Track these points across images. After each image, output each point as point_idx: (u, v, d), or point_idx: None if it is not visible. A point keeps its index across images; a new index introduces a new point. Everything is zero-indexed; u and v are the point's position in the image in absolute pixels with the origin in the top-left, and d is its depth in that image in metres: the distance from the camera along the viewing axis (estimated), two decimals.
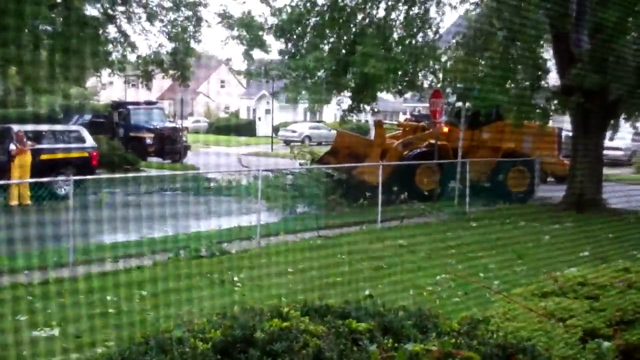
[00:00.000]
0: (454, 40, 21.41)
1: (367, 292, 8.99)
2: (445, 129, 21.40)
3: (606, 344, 4.63)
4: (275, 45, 22.65)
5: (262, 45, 25.67)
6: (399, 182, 18.83)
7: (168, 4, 27.24)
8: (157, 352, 3.53)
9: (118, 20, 26.69)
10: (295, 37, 20.87)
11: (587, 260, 10.95)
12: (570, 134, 20.73)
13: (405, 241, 13.99)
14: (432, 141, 21.08)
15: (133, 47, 27.56)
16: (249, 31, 25.38)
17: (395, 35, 20.71)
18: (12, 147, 19.20)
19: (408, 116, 24.93)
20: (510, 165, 21.09)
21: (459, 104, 21.71)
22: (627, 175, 29.97)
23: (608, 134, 20.96)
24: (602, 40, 17.02)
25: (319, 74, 20.99)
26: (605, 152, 20.93)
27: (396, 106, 59.93)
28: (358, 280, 10.67)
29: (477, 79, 19.99)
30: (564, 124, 23.77)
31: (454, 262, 12.10)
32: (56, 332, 7.97)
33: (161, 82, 41.66)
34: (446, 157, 20.57)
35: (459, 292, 9.74)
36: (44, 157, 19.97)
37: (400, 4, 20.88)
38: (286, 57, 21.42)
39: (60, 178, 18.03)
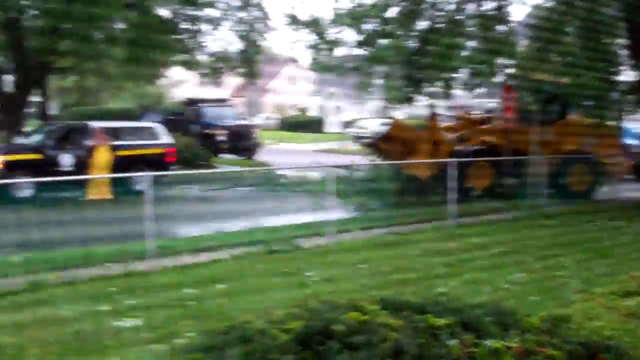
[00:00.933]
0: (525, 35, 21.01)
1: (440, 289, 8.99)
2: (503, 127, 20.79)
3: None
4: (348, 39, 22.50)
5: (333, 43, 25.82)
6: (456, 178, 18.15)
7: (237, 3, 27.62)
8: (239, 342, 3.58)
9: (189, 19, 27.15)
10: (371, 29, 20.87)
11: None
12: None
13: (478, 238, 13.82)
14: (487, 138, 20.50)
15: (204, 45, 28.00)
16: (319, 30, 25.57)
17: (468, 29, 20.43)
18: (91, 143, 19.76)
19: (465, 108, 24.04)
20: (571, 163, 20.44)
21: (531, 100, 21.22)
22: None
23: None
24: None
25: (391, 67, 20.89)
26: None
27: (466, 102, 59.19)
28: (430, 277, 10.61)
29: (549, 74, 19.57)
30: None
31: (531, 260, 11.89)
32: (139, 322, 8.17)
33: (233, 80, 42.22)
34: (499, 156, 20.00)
35: (535, 290, 9.59)
36: (121, 153, 20.46)
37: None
38: (363, 48, 21.39)
39: (137, 174, 18.42)
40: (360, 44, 21.38)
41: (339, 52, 25.44)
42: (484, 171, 19.86)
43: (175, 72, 39.45)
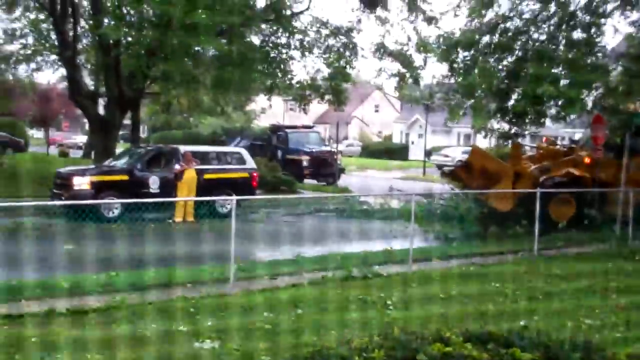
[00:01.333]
0: (617, 64, 20.54)
1: (522, 323, 8.81)
2: (587, 159, 20.13)
3: None
4: (435, 71, 22.59)
5: (416, 79, 25.90)
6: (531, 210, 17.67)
7: (326, 32, 27.95)
8: None
9: (278, 47, 27.62)
10: (461, 60, 20.79)
11: None
12: None
13: (562, 272, 13.49)
14: (571, 170, 19.87)
15: (292, 72, 28.40)
16: (407, 64, 25.68)
17: (559, 58, 20.07)
18: (178, 166, 20.26)
19: (547, 139, 23.43)
20: None
21: (620, 131, 20.59)
22: None
23: None
24: None
25: (480, 93, 20.72)
26: None
27: (549, 133, 58.14)
28: (512, 310, 10.41)
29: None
30: None
31: (615, 295, 11.53)
32: (216, 344, 8.29)
33: (317, 107, 42.64)
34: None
35: (621, 327, 9.30)
36: (207, 176, 20.88)
37: (561, 28, 20.33)
38: (450, 79, 21.32)
39: (222, 197, 18.79)
40: (448, 74, 21.32)
41: (426, 80, 25.49)
42: (568, 203, 19.38)
43: (262, 99, 40.16)
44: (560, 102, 20.36)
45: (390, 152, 64.59)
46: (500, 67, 21.18)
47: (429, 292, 11.53)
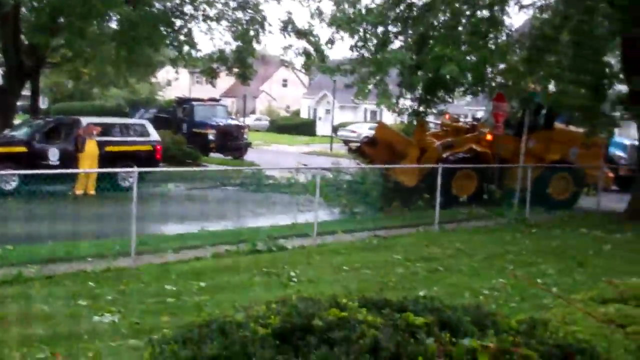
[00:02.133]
0: (519, 44, 21.07)
1: (421, 293, 9.02)
2: (489, 136, 20.83)
3: None
4: (343, 44, 22.61)
5: (322, 56, 25.88)
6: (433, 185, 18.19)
7: (233, 4, 27.61)
8: (217, 335, 3.60)
9: (185, 17, 27.14)
10: (368, 33, 20.86)
11: None
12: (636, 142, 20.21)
13: (462, 244, 13.88)
14: (474, 146, 20.56)
15: (198, 44, 27.99)
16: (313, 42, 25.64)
17: (464, 37, 20.41)
18: (79, 138, 19.75)
19: (449, 116, 23.96)
20: (552, 173, 20.58)
21: (522, 109, 21.33)
22: None
23: None
24: None
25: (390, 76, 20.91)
26: None
27: (458, 110, 59.45)
28: (413, 281, 10.65)
29: (540, 83, 19.68)
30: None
31: (512, 267, 11.96)
32: (116, 318, 8.17)
33: (225, 81, 42.22)
34: (487, 164, 20.12)
35: (516, 296, 9.65)
36: (109, 148, 20.45)
37: (466, 7, 20.67)
38: (357, 52, 21.36)
39: (124, 169, 18.41)
40: (355, 48, 21.36)
41: (334, 54, 25.51)
42: (469, 178, 19.96)
43: (168, 71, 39.37)
44: (462, 82, 20.81)
45: (297, 127, 64.74)
46: (406, 44, 21.41)
47: (333, 264, 11.67)
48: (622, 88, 19.82)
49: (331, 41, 22.43)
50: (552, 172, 20.53)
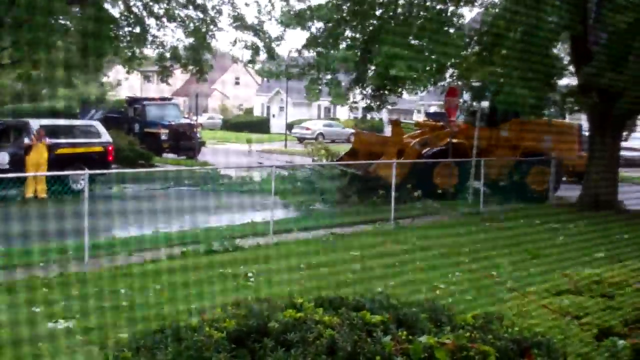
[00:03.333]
0: (470, 38, 21.26)
1: (379, 290, 9.03)
2: (462, 127, 21.41)
3: (621, 342, 4.61)
4: (293, 42, 22.58)
5: (271, 53, 25.75)
6: (417, 181, 18.77)
7: (184, 1, 27.33)
8: (172, 340, 3.54)
9: (136, 16, 26.77)
10: (317, 30, 20.83)
11: (603, 260, 10.88)
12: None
13: (419, 239, 13.95)
14: (452, 140, 20.99)
15: (151, 42, 27.65)
16: (262, 36, 25.51)
17: (415, 31, 20.49)
18: (28, 141, 19.36)
19: (424, 116, 24.68)
20: (528, 164, 21.00)
21: (476, 102, 21.62)
22: None
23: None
24: (618, 39, 16.91)
25: (340, 73, 20.95)
26: (621, 152, 20.74)
27: (411, 105, 59.90)
28: (371, 277, 10.66)
29: (492, 76, 19.90)
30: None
31: (468, 260, 12.05)
32: (71, 324, 8.02)
33: (176, 79, 41.81)
34: (465, 156, 20.47)
35: (472, 290, 9.72)
36: (60, 151, 20.08)
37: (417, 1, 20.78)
38: (309, 52, 21.34)
39: (75, 172, 18.10)
40: (306, 46, 21.33)
41: (284, 53, 25.42)
42: (450, 171, 20.42)
43: (118, 71, 38.85)
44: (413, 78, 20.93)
45: (251, 125, 64.47)
46: (356, 41, 21.45)
47: (289, 263, 11.62)
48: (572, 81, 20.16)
49: (280, 37, 22.39)
50: (521, 163, 20.94)
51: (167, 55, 28.25)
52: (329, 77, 21.26)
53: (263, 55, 26.11)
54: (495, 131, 21.65)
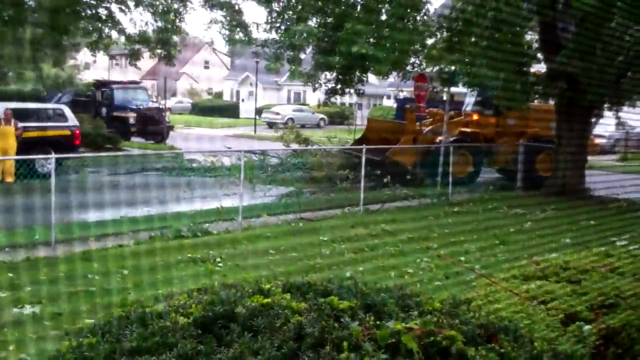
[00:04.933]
0: (438, 24, 21.26)
1: (348, 274, 9.05)
2: (475, 116, 21.80)
3: (587, 327, 4.66)
4: (260, 17, 22.36)
5: (244, 28, 25.55)
6: (431, 166, 19.18)
7: None
8: (137, 326, 3.49)
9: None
10: (281, 7, 20.68)
11: (569, 246, 10.99)
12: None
13: (387, 225, 13.99)
14: (464, 129, 21.45)
15: (118, 25, 27.33)
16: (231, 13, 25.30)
17: (383, 16, 20.45)
18: None
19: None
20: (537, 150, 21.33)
21: (445, 88, 21.72)
22: (610, 163, 30.06)
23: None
24: (587, 27, 17.02)
25: (307, 51, 20.83)
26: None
27: (380, 90, 59.93)
28: (340, 263, 10.67)
29: (461, 62, 19.98)
30: None
31: (436, 246, 12.12)
32: (37, 309, 7.93)
33: (145, 62, 41.41)
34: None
35: (440, 275, 9.78)
36: (26, 135, 19.82)
37: None
38: (273, 28, 21.19)
39: (42, 156, 17.86)
40: (271, 27, 21.20)
41: (254, 35, 25.21)
42: (465, 159, 20.68)
43: (86, 53, 38.32)
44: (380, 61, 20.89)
45: (220, 109, 64.08)
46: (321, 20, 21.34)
47: (258, 248, 11.61)
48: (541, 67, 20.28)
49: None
50: (537, 149, 21.17)
51: (136, 38, 27.97)
52: (291, 53, 21.13)
53: (238, 34, 25.91)
54: (502, 119, 21.90)
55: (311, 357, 3.17)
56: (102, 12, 26.48)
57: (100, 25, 26.50)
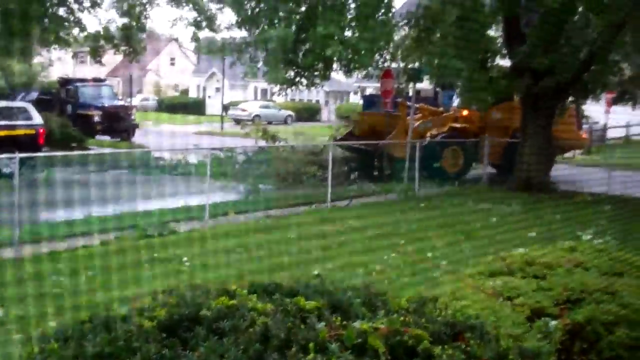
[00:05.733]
0: (404, 20, 21.34)
1: (315, 272, 9.03)
2: (465, 112, 22.08)
3: (553, 322, 4.69)
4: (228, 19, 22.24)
5: (211, 23, 25.36)
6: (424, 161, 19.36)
7: None
8: (100, 331, 3.44)
9: None
10: (251, 9, 20.57)
11: (535, 240, 11.08)
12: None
13: (354, 221, 14.00)
14: (454, 125, 21.70)
15: (82, 22, 27.04)
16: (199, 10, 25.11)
17: (350, 13, 20.43)
18: None
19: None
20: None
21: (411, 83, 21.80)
22: (576, 157, 30.43)
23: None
24: (550, 21, 17.21)
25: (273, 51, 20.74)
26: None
27: (345, 87, 60.07)
28: (307, 260, 10.65)
29: (426, 58, 20.14)
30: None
31: (403, 242, 12.15)
32: (0, 312, 7.81)
33: (110, 59, 41.00)
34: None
35: (407, 272, 9.80)
36: None
37: None
38: (244, 30, 21.10)
39: (5, 155, 17.56)
40: (240, 25, 21.07)
41: (221, 32, 25.07)
42: (456, 154, 21.30)
43: (51, 50, 37.81)
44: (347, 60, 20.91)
45: (187, 106, 63.71)
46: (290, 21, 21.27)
47: (225, 247, 11.53)
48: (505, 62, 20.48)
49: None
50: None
51: (100, 34, 27.66)
52: (264, 55, 21.05)
53: (205, 33, 25.74)
54: (488, 114, 22.13)
55: (277, 359, 3.15)
56: (62, 9, 26.11)
57: (64, 21, 26.14)
